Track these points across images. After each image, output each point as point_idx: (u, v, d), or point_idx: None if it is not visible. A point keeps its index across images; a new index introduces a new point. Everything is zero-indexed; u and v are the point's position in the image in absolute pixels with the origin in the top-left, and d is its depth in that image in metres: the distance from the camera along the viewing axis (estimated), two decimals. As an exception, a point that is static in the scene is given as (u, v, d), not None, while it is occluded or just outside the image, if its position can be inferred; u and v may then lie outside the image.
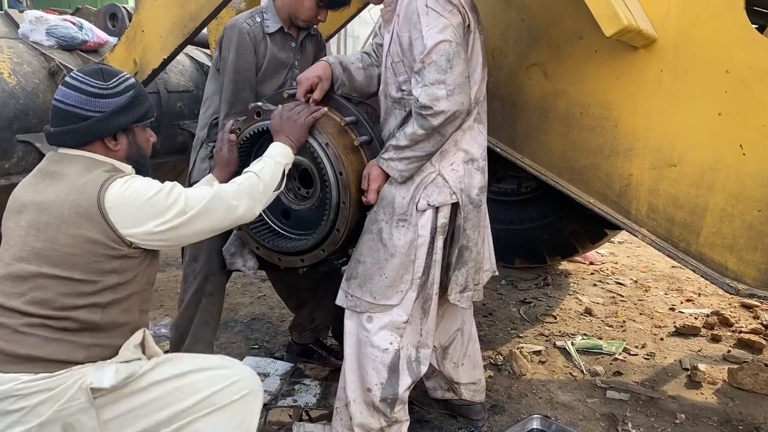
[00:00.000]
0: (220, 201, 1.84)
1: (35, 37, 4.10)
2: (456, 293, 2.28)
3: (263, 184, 1.96)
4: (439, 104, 2.03)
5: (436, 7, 2.04)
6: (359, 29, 16.45)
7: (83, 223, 1.69)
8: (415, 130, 2.09)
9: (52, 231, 1.69)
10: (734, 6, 2.17)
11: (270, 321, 3.74)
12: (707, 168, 2.30)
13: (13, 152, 3.76)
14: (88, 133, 1.76)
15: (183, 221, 1.77)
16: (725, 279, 2.34)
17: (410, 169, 2.17)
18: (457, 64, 2.04)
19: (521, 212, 4.41)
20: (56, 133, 1.78)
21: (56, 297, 1.69)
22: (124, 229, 1.71)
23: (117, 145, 1.81)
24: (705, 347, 3.59)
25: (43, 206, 1.71)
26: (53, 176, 1.75)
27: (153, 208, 1.74)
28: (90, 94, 1.77)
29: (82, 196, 1.70)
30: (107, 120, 1.77)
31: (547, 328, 3.77)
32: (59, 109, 1.78)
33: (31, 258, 1.70)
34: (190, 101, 4.85)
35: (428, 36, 2.03)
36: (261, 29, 2.59)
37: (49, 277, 1.69)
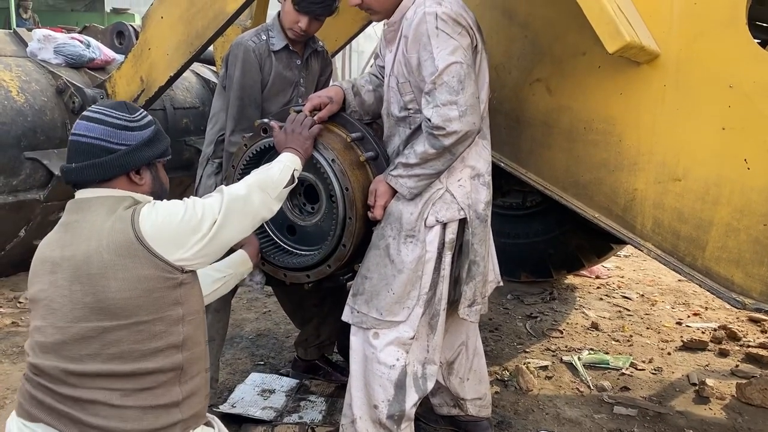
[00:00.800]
0: (235, 199, 1.79)
1: (43, 56, 4.15)
2: (465, 307, 2.29)
3: (272, 180, 1.92)
4: (452, 125, 2.05)
5: (446, 29, 2.05)
6: (364, 44, 16.56)
7: (130, 264, 1.59)
8: (426, 149, 2.11)
9: (101, 282, 1.59)
10: (736, 21, 2.18)
11: (275, 337, 3.73)
12: (712, 182, 2.30)
13: (21, 169, 3.80)
14: (115, 166, 1.67)
15: (216, 230, 1.71)
16: (731, 293, 2.33)
17: (419, 186, 2.18)
18: (468, 85, 2.06)
19: (526, 226, 4.41)
20: (78, 169, 1.67)
21: (133, 346, 1.61)
22: (172, 255, 1.63)
23: (142, 179, 1.73)
24: (713, 362, 3.56)
25: (77, 259, 1.61)
26: (75, 226, 1.66)
27: (188, 226, 1.67)
28: (116, 126, 1.69)
29: (117, 236, 1.61)
30: (134, 153, 1.69)
31: (554, 342, 3.76)
32: (81, 143, 1.68)
33: (88, 315, 1.60)
34: (196, 117, 4.89)
35: (439, 58, 2.04)
36: (266, 47, 2.61)
37: (117, 328, 1.60)
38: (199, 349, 1.76)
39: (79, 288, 1.60)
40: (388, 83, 2.30)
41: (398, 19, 2.20)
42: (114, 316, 1.59)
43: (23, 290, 4.23)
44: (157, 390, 1.64)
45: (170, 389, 1.66)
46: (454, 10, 2.08)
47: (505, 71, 2.68)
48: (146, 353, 1.62)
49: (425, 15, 2.06)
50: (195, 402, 1.73)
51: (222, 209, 1.74)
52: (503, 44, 2.65)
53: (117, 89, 3.87)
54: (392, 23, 2.23)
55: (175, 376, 1.67)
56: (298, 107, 2.36)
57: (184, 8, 3.42)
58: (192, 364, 1.72)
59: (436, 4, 2.08)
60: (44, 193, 3.89)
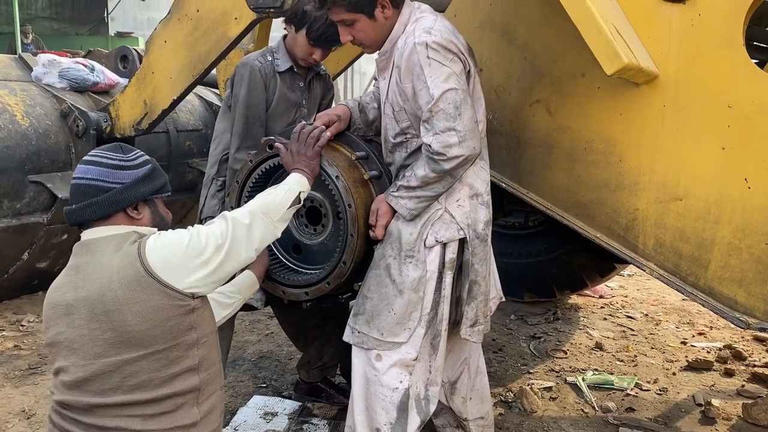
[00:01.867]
0: (239, 226, 1.83)
1: (48, 80, 4.20)
2: (467, 328, 2.28)
3: (274, 203, 1.96)
4: (452, 150, 2.07)
5: (437, 57, 2.08)
6: (366, 66, 16.68)
7: (142, 296, 1.65)
8: (427, 173, 2.13)
9: (117, 317, 1.65)
10: (733, 42, 2.20)
11: (278, 359, 3.72)
12: (713, 202, 2.30)
13: (25, 192, 3.82)
14: (111, 203, 1.75)
15: (222, 256, 1.77)
16: (735, 313, 2.32)
17: (419, 207, 2.20)
18: (465, 110, 2.09)
19: (529, 246, 4.41)
20: (77, 209, 1.76)
21: (152, 374, 1.67)
22: (180, 283, 1.69)
23: (139, 214, 1.80)
24: (718, 382, 3.53)
25: (92, 299, 1.67)
26: (85, 268, 1.72)
27: (193, 254, 1.72)
28: (111, 166, 1.77)
29: (127, 271, 1.67)
30: (128, 190, 1.77)
31: (558, 363, 3.73)
32: (79, 185, 1.77)
33: (109, 350, 1.66)
34: (198, 140, 4.92)
35: (434, 86, 2.07)
36: (272, 68, 2.67)
37: (136, 359, 1.66)
38: (215, 368, 1.82)
39: (97, 326, 1.66)
40: (383, 110, 2.32)
41: (389, 48, 2.23)
42: (133, 348, 1.66)
43: (26, 313, 4.23)
44: (176, 413, 1.71)
45: (189, 410, 1.73)
46: (444, 37, 2.10)
47: (505, 92, 2.69)
48: (165, 379, 1.69)
49: (415, 45, 2.08)
50: (212, 420, 1.79)
51: (226, 236, 1.80)
52: (503, 66, 2.67)
53: (121, 112, 3.90)
54: (383, 52, 2.26)
55: (193, 398, 1.74)
56: (305, 125, 2.39)
57: (187, 33, 3.47)
58: (208, 384, 1.78)
59: (426, 33, 2.10)
60: (47, 216, 3.90)
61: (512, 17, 2.59)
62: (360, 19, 2.15)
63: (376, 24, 2.18)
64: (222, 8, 3.33)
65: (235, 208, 2.42)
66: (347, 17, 2.15)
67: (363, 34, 2.20)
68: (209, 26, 3.38)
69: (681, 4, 2.23)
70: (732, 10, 2.17)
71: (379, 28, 2.19)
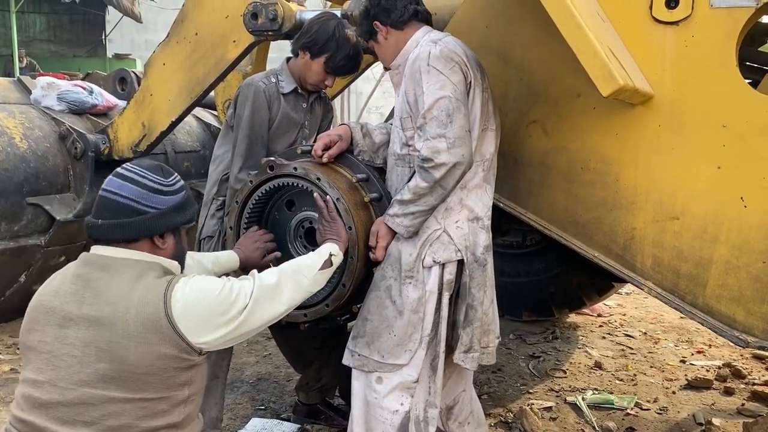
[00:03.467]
0: (265, 287, 1.77)
1: (47, 103, 4.22)
2: (460, 353, 2.27)
3: (305, 264, 1.94)
4: (440, 156, 2.10)
5: (438, 65, 2.14)
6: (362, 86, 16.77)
7: (154, 339, 1.57)
8: (418, 183, 2.15)
9: (119, 351, 1.55)
10: (727, 63, 2.23)
11: (276, 381, 3.70)
12: (710, 220, 2.31)
13: (22, 215, 3.82)
14: (142, 228, 1.66)
15: (245, 316, 1.69)
16: (734, 332, 2.32)
17: (415, 224, 2.21)
18: (457, 118, 2.12)
19: (527, 265, 4.41)
20: (105, 226, 1.65)
21: (133, 422, 1.56)
22: (196, 338, 1.62)
23: (164, 243, 1.71)
24: (718, 400, 3.52)
25: (101, 322, 1.57)
26: (99, 285, 1.62)
27: (219, 309, 1.65)
28: (150, 189, 1.67)
29: (147, 307, 1.58)
30: (163, 217, 1.68)
31: (557, 383, 3.72)
32: (111, 200, 1.66)
33: (95, 381, 1.55)
34: (197, 161, 4.94)
35: (428, 92, 2.13)
36: (276, 89, 2.71)
37: (122, 401, 1.56)
38: (194, 424, 1.74)
39: (94, 352, 1.56)
40: (394, 123, 2.36)
41: (402, 62, 2.32)
42: (122, 388, 1.56)
43: (22, 336, 4.20)
44: None
45: None
46: (448, 47, 2.19)
47: (502, 113, 2.71)
48: (143, 431, 1.58)
49: (420, 53, 2.19)
50: None
51: (252, 295, 1.72)
52: (499, 87, 2.69)
53: (119, 134, 3.92)
54: (396, 66, 2.36)
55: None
56: (306, 147, 2.41)
57: (185, 55, 3.50)
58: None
59: (432, 43, 2.20)
60: (45, 239, 3.90)
61: (508, 39, 2.62)
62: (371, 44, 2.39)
63: (380, 46, 2.39)
64: (220, 31, 3.36)
65: (234, 228, 2.44)
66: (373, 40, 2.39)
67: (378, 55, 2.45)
68: (208, 49, 3.41)
69: (675, 26, 2.26)
70: (725, 31, 2.21)
71: (386, 48, 2.38)
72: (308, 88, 2.76)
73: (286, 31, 3.09)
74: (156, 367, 1.58)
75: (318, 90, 2.83)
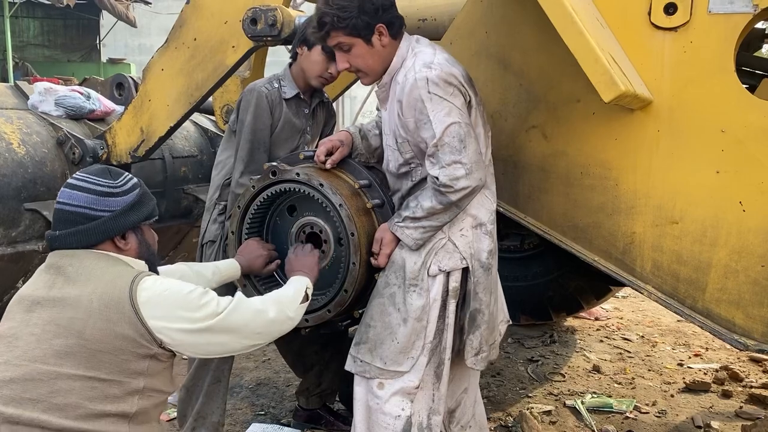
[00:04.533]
0: (246, 308, 1.79)
1: (44, 108, 4.20)
2: (471, 357, 2.28)
3: (287, 297, 1.97)
4: (460, 182, 2.10)
5: (438, 91, 2.10)
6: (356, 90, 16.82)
7: (113, 316, 1.59)
8: (434, 205, 2.15)
9: (77, 325, 1.57)
10: (725, 68, 2.25)
11: (276, 386, 3.69)
12: (709, 225, 2.33)
13: (20, 221, 3.80)
14: (98, 233, 1.69)
15: (214, 324, 1.70)
16: (733, 335, 2.34)
17: (425, 237, 2.21)
18: (469, 143, 2.12)
19: (525, 269, 4.42)
20: (62, 236, 1.69)
21: (81, 402, 1.55)
22: (155, 324, 1.63)
23: (127, 244, 1.75)
24: (716, 403, 3.54)
25: (66, 301, 1.60)
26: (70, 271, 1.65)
27: (186, 305, 1.67)
28: (99, 193, 1.70)
29: (113, 289, 1.61)
30: (117, 219, 1.71)
31: (556, 386, 3.73)
32: (64, 211, 1.70)
33: (48, 357, 1.55)
34: (194, 166, 4.92)
35: (437, 120, 2.09)
36: (278, 94, 2.72)
37: (72, 378, 1.55)
38: (150, 427, 1.71)
39: (53, 329, 1.58)
40: (386, 141, 2.35)
41: (388, 81, 2.26)
42: (75, 364, 1.56)
43: (19, 342, 4.18)
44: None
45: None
46: (444, 71, 2.12)
47: (502, 118, 2.73)
48: (91, 414, 1.57)
49: (416, 81, 2.11)
50: None
51: (228, 309, 1.73)
52: (499, 92, 2.70)
53: (117, 140, 3.91)
54: (383, 84, 2.29)
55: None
56: (308, 152, 2.41)
57: (184, 60, 3.49)
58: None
59: (426, 68, 2.12)
60: (43, 244, 3.88)
61: (507, 45, 2.64)
62: (357, 44, 2.18)
63: (373, 51, 2.20)
64: (219, 37, 3.36)
65: (236, 232, 2.44)
66: (345, 41, 2.17)
67: (360, 60, 2.21)
68: (206, 54, 3.41)
69: (673, 32, 2.28)
70: (723, 37, 2.22)
71: (377, 56, 2.21)
72: (313, 83, 2.74)
73: (285, 36, 3.09)
74: (112, 346, 1.58)
75: (321, 88, 2.83)
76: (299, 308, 1.99)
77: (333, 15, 2.12)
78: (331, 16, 2.12)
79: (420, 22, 3.08)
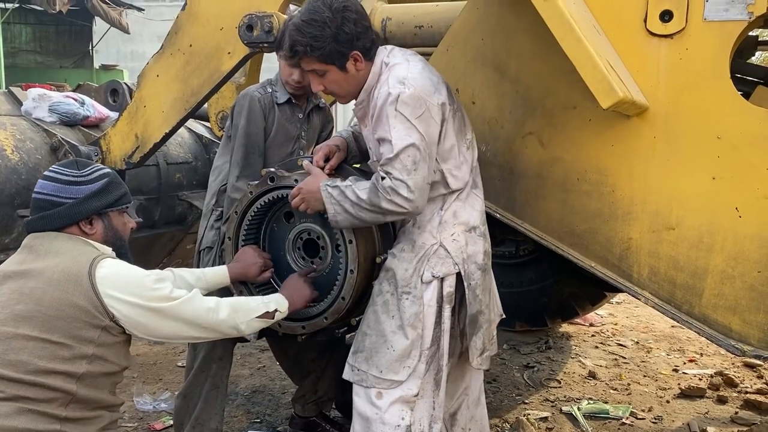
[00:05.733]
0: (199, 303, 1.94)
1: (38, 114, 4.18)
2: (477, 357, 2.28)
3: (248, 306, 2.08)
4: (398, 198, 2.04)
5: (405, 111, 2.04)
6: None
7: (70, 288, 1.76)
8: (364, 198, 2.08)
9: (37, 293, 1.75)
10: (720, 75, 2.26)
11: (271, 393, 3.67)
12: (705, 231, 2.33)
13: (13, 227, 3.77)
14: (62, 217, 1.88)
15: (164, 307, 1.86)
16: (730, 341, 2.34)
17: (342, 219, 2.14)
18: (421, 168, 2.06)
19: (520, 275, 4.43)
20: (33, 220, 1.90)
21: (31, 359, 1.71)
22: (108, 297, 1.79)
23: (92, 229, 1.93)
24: (712, 409, 3.55)
25: (32, 273, 1.78)
26: (40, 250, 1.84)
27: (140, 284, 1.84)
28: (63, 182, 1.90)
29: (74, 264, 1.80)
30: (80, 205, 1.89)
31: (552, 393, 3.73)
32: (36, 199, 1.92)
33: (8, 320, 1.74)
34: (188, 173, 4.91)
35: (396, 138, 2.04)
36: (271, 99, 2.72)
37: (26, 338, 1.73)
38: (100, 393, 1.84)
39: (17, 297, 1.76)
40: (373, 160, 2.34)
41: (365, 98, 2.22)
42: (31, 327, 1.73)
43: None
44: (40, 402, 1.72)
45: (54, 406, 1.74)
46: (417, 88, 2.07)
47: (498, 125, 2.73)
48: (41, 370, 1.72)
49: (388, 96, 2.06)
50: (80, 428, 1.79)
51: (181, 300, 1.89)
52: (495, 99, 2.71)
53: (112, 146, 3.89)
54: (360, 102, 2.24)
55: (64, 399, 1.75)
56: (306, 158, 2.41)
57: (179, 67, 3.48)
58: (88, 401, 1.80)
59: (400, 84, 2.07)
60: (36, 251, 3.85)
61: (504, 52, 2.64)
62: (331, 70, 2.13)
63: (348, 76, 2.15)
64: (215, 43, 3.35)
65: (233, 238, 2.43)
66: (318, 68, 2.13)
67: (335, 85, 2.17)
68: (202, 60, 3.40)
69: (669, 39, 2.29)
70: (719, 44, 2.24)
71: (352, 80, 2.17)
72: (288, 90, 2.75)
73: (281, 42, 3.09)
74: (66, 314, 1.75)
75: (310, 98, 2.83)
76: (254, 321, 2.08)
77: (306, 44, 2.07)
78: (303, 45, 2.07)
79: (416, 29, 3.08)
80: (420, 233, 2.25)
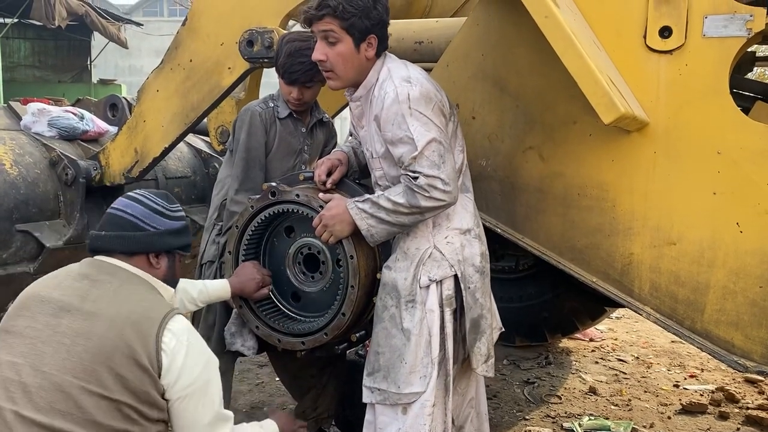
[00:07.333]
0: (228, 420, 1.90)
1: (37, 129, 4.17)
2: (482, 364, 2.27)
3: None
4: (435, 193, 2.08)
5: (420, 107, 2.09)
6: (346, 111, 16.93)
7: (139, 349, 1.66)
8: (402, 202, 2.10)
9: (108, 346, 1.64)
10: (720, 90, 2.27)
11: (270, 409, 3.64)
12: (706, 246, 2.33)
13: (11, 242, 3.75)
14: (140, 243, 1.83)
15: (211, 420, 1.81)
16: (733, 356, 2.33)
17: (379, 231, 2.16)
18: (448, 159, 2.11)
19: (520, 290, 4.42)
20: (107, 237, 1.82)
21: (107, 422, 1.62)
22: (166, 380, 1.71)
23: (159, 263, 1.88)
24: (714, 425, 3.52)
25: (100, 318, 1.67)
26: (104, 285, 1.74)
27: (205, 389, 1.80)
28: (153, 210, 1.86)
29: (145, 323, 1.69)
30: (161, 237, 1.85)
31: (553, 409, 3.70)
32: (118, 216, 1.85)
33: (78, 371, 1.62)
34: (187, 187, 4.90)
35: (417, 135, 2.07)
36: (273, 113, 2.73)
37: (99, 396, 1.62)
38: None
39: (83, 343, 1.63)
40: (366, 156, 2.36)
41: (364, 95, 2.24)
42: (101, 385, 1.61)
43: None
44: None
45: None
46: (424, 86, 2.13)
47: (498, 140, 2.73)
48: None
49: (398, 95, 2.09)
50: None
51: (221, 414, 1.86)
52: (495, 114, 2.71)
53: (111, 161, 3.89)
54: (357, 98, 2.27)
55: None
56: (308, 173, 2.41)
57: (179, 82, 3.49)
58: None
59: (406, 82, 2.11)
60: (35, 266, 3.83)
61: (504, 67, 2.65)
62: (345, 41, 2.12)
63: (355, 57, 2.15)
64: (215, 58, 3.36)
65: (233, 252, 2.42)
66: (336, 31, 2.10)
67: (340, 59, 2.15)
68: (202, 76, 3.41)
69: (669, 55, 2.30)
70: (718, 60, 2.25)
71: (357, 62, 2.17)
72: (289, 106, 2.75)
73: (281, 58, 3.10)
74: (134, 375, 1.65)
75: (313, 112, 2.84)
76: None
77: (339, 3, 2.05)
78: (337, 2, 2.06)
79: (416, 45, 3.09)
80: (413, 240, 2.24)
